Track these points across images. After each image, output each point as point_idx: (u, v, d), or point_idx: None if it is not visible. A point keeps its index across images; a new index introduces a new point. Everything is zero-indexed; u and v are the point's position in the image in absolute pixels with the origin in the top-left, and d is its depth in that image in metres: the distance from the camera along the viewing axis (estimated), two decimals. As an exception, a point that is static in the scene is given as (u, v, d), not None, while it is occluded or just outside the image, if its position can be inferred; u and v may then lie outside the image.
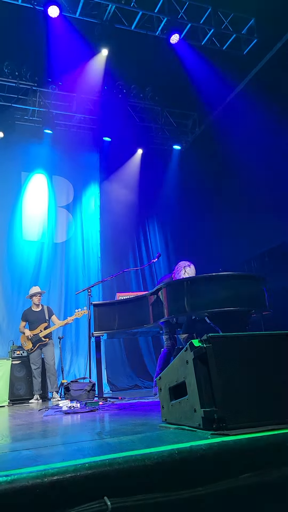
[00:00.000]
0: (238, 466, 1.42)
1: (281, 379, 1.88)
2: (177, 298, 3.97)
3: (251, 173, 7.84)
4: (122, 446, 1.59)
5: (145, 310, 4.52)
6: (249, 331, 3.94)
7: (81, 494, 1.20)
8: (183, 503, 1.30)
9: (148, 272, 9.87)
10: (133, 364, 8.98)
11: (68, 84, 8.71)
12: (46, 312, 6.73)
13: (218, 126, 9.08)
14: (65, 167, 9.70)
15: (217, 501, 1.36)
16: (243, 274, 4.09)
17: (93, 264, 9.57)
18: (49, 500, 1.17)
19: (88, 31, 7.49)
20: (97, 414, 3.46)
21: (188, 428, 1.88)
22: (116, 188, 10.11)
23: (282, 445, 1.50)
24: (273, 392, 1.84)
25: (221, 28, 7.75)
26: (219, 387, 1.75)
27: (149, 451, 1.35)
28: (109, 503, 1.19)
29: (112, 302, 5.13)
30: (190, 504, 1.31)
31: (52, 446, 1.79)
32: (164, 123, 10.01)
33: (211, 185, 9.47)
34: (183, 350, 1.96)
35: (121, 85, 9.00)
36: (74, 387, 5.05)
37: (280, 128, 7.17)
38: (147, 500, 1.26)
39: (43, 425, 2.95)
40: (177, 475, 1.34)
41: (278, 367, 1.90)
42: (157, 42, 7.83)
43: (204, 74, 8.29)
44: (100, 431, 2.37)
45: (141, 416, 3.02)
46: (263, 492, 1.42)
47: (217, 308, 3.70)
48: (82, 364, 8.40)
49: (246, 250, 8.43)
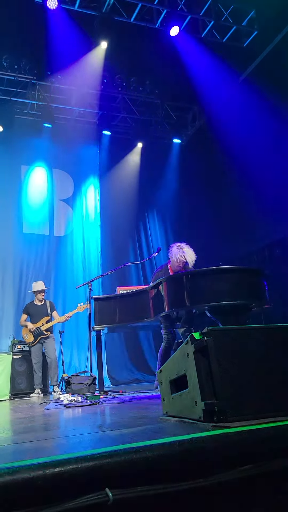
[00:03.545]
0: (239, 458, 1.43)
1: (281, 371, 1.88)
2: (178, 291, 3.96)
3: (252, 166, 7.81)
4: (123, 438, 1.59)
5: (145, 304, 4.52)
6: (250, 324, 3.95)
7: (82, 486, 1.21)
8: (184, 495, 1.31)
9: (149, 266, 9.86)
10: (134, 358, 9.01)
11: (68, 78, 8.65)
12: (48, 307, 6.75)
13: (218, 119, 9.03)
14: (65, 161, 9.68)
15: (217, 492, 1.36)
16: (244, 268, 4.08)
17: (93, 258, 9.57)
18: (51, 491, 1.17)
19: (87, 24, 7.43)
20: (98, 408, 3.47)
21: (189, 420, 1.88)
22: (116, 182, 10.08)
23: (282, 437, 1.51)
24: (274, 384, 1.84)
25: (221, 20, 7.70)
26: (219, 379, 1.75)
27: (150, 443, 1.35)
28: (110, 494, 1.20)
29: (112, 296, 5.13)
30: (191, 496, 1.32)
31: (53, 439, 1.79)
32: (164, 116, 9.96)
33: (211, 178, 9.44)
34: (184, 343, 1.96)
35: (120, 78, 8.96)
36: (75, 381, 5.06)
37: (280, 121, 7.13)
38: (148, 491, 1.27)
39: (44, 418, 2.97)
40: (178, 467, 1.34)
41: (279, 360, 1.91)
42: (157, 34, 7.77)
43: (204, 66, 8.24)
44: (101, 424, 2.38)
45: (142, 409, 3.03)
46: (263, 483, 1.42)
47: (218, 302, 3.70)
48: (83, 358, 8.42)
49: (247, 244, 8.42)
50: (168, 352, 4.63)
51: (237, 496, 1.41)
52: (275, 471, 1.42)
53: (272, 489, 1.44)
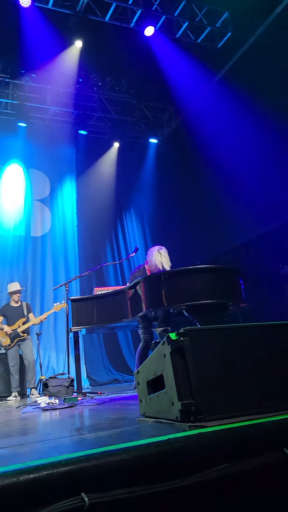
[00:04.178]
0: (216, 457, 1.43)
1: (258, 370, 1.90)
2: (155, 292, 3.96)
3: (227, 166, 7.89)
4: (99, 442, 1.58)
5: (123, 305, 4.51)
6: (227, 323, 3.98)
7: (58, 491, 1.19)
8: (161, 496, 1.30)
9: (127, 266, 9.85)
10: (113, 359, 8.98)
11: (42, 77, 8.57)
12: (24, 308, 6.66)
13: (195, 119, 9.10)
14: (41, 160, 9.57)
15: (195, 492, 1.36)
16: (220, 267, 4.11)
17: (71, 258, 9.49)
18: (25, 499, 1.15)
19: (62, 23, 7.37)
20: (76, 410, 3.44)
21: (166, 421, 1.88)
22: (93, 182, 10.03)
23: (257, 435, 1.52)
24: (250, 382, 1.86)
25: (196, 21, 7.75)
26: (196, 379, 1.76)
27: (126, 446, 1.35)
28: (86, 499, 1.18)
29: (89, 297, 5.10)
30: (168, 497, 1.31)
31: (28, 444, 1.76)
32: (140, 116, 9.97)
33: (187, 178, 9.50)
34: (160, 344, 1.96)
35: (96, 78, 8.92)
36: (52, 383, 5.01)
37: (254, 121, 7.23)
38: (125, 494, 1.26)
39: (21, 422, 2.92)
40: (155, 468, 1.34)
41: (255, 358, 1.93)
42: (132, 34, 7.76)
43: (179, 67, 8.28)
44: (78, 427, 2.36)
45: (120, 410, 3.02)
46: (240, 481, 1.43)
47: (195, 301, 3.71)
48: (61, 359, 8.35)
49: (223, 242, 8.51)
50: (146, 352, 4.63)
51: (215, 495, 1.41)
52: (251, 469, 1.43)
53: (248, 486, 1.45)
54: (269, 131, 7.00)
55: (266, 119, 7.01)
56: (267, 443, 1.52)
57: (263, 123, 7.06)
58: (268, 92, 7.00)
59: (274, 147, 6.99)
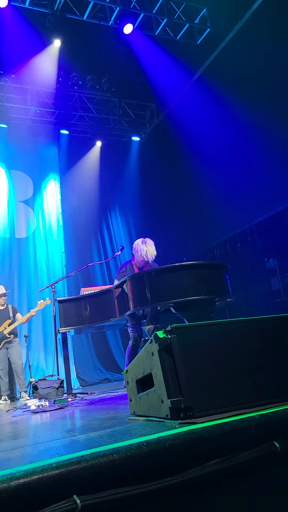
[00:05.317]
0: (206, 453, 1.44)
1: (246, 364, 1.91)
2: (142, 289, 3.97)
3: (210, 162, 7.93)
4: (90, 443, 1.58)
5: (110, 304, 4.51)
6: (214, 318, 4.01)
7: (50, 495, 1.18)
8: (153, 495, 1.31)
9: (114, 265, 9.83)
10: (102, 358, 8.97)
11: (22, 77, 8.49)
12: (10, 311, 6.61)
13: (176, 116, 9.12)
14: (23, 161, 9.48)
15: (186, 489, 1.37)
16: (206, 263, 4.14)
17: (57, 259, 9.43)
18: (16, 504, 1.14)
19: (39, 22, 7.30)
20: (66, 411, 3.43)
21: (156, 419, 1.89)
22: (77, 181, 9.98)
23: (247, 429, 1.53)
24: (238, 378, 1.87)
25: (174, 18, 7.76)
26: (185, 377, 1.76)
27: (117, 446, 1.34)
28: (78, 501, 1.18)
29: (77, 297, 5.08)
30: (160, 495, 1.32)
31: (18, 448, 1.75)
32: (122, 114, 9.95)
33: (171, 175, 9.52)
34: (148, 342, 1.97)
35: (76, 77, 8.88)
36: (42, 385, 4.98)
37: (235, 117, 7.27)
38: (117, 494, 1.26)
39: (11, 426, 2.90)
40: (146, 467, 1.34)
41: (244, 353, 1.94)
42: (111, 32, 7.74)
43: (159, 64, 8.29)
44: (68, 429, 2.35)
45: (110, 410, 3.02)
46: (230, 477, 1.45)
47: (182, 298, 3.73)
48: (50, 361, 8.30)
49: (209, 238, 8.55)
50: (136, 351, 4.64)
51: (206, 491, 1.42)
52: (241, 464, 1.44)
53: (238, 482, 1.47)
54: (250, 125, 7.05)
55: (246, 114, 7.05)
56: (257, 437, 1.53)
57: (244, 117, 7.11)
58: (248, 86, 7.04)
59: (256, 141, 7.04)
